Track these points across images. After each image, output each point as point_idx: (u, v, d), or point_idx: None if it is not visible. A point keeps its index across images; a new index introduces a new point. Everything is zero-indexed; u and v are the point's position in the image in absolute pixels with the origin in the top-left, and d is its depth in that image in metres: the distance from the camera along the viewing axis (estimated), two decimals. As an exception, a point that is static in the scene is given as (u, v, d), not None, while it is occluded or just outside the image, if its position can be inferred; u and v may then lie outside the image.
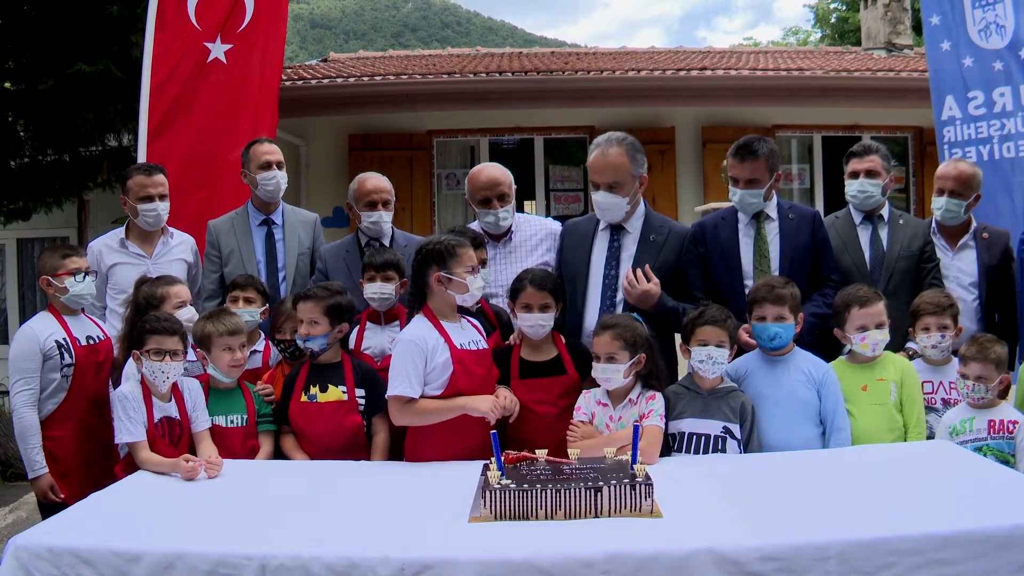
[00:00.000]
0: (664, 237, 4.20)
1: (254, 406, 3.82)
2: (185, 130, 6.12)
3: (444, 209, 10.42)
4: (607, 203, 4.14)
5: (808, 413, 3.63)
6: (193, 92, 6.20)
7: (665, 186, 9.89)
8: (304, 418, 3.74)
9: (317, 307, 3.80)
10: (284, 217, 4.99)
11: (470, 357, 3.58)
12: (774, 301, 3.70)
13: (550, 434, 3.62)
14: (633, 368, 3.55)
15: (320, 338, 3.79)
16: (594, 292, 4.16)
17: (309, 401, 3.74)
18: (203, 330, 3.77)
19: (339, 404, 3.72)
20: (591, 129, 9.91)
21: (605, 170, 4.14)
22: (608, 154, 4.14)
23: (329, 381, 3.77)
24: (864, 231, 4.60)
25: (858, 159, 4.64)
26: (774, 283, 3.77)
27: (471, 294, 3.62)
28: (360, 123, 10.00)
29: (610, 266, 4.18)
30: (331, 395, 3.74)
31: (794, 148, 10.64)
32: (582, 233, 4.35)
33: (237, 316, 3.92)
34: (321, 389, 3.75)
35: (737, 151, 4.26)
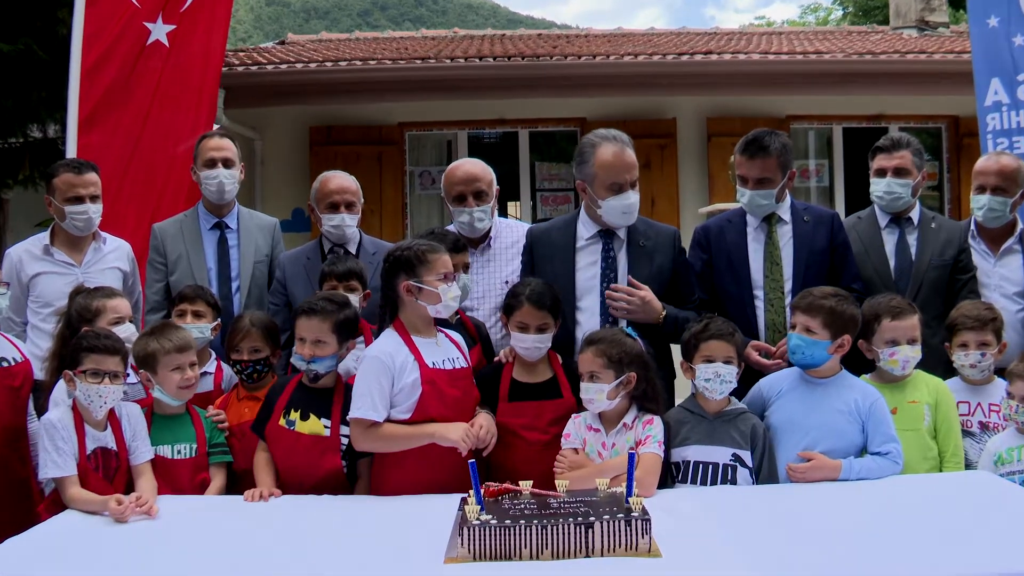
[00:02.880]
0: (653, 241, 4.23)
1: (205, 434, 3.79)
2: (122, 121, 6.08)
3: (418, 212, 10.42)
4: (636, 203, 4.17)
5: (842, 447, 3.60)
6: (131, 78, 6.15)
7: (665, 185, 9.94)
8: (279, 445, 3.69)
9: (325, 323, 3.73)
10: (239, 221, 5.00)
11: (443, 377, 3.59)
12: (804, 309, 3.71)
13: (537, 464, 3.63)
14: (621, 388, 3.57)
15: (329, 359, 3.74)
16: (591, 309, 4.15)
17: (287, 427, 3.70)
18: (146, 348, 3.73)
19: (317, 440, 3.66)
20: (582, 121, 9.96)
21: (630, 167, 4.17)
22: (627, 151, 4.18)
23: (313, 409, 3.71)
24: (890, 235, 4.61)
25: (886, 155, 4.63)
26: (815, 291, 3.77)
27: (444, 305, 3.64)
28: (322, 114, 10.01)
29: (607, 279, 4.17)
30: (311, 426, 3.68)
31: (811, 142, 10.69)
32: (559, 243, 4.30)
33: (185, 330, 3.90)
34: (302, 416, 3.70)
35: (746, 146, 4.30)
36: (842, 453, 3.58)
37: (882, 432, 3.60)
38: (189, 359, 3.75)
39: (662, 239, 4.25)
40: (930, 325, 4.08)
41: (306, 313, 3.75)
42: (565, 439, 3.66)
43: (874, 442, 3.59)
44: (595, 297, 4.16)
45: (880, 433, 3.60)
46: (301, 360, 3.72)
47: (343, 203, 4.65)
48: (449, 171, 4.64)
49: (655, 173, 9.83)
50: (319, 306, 3.76)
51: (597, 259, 4.21)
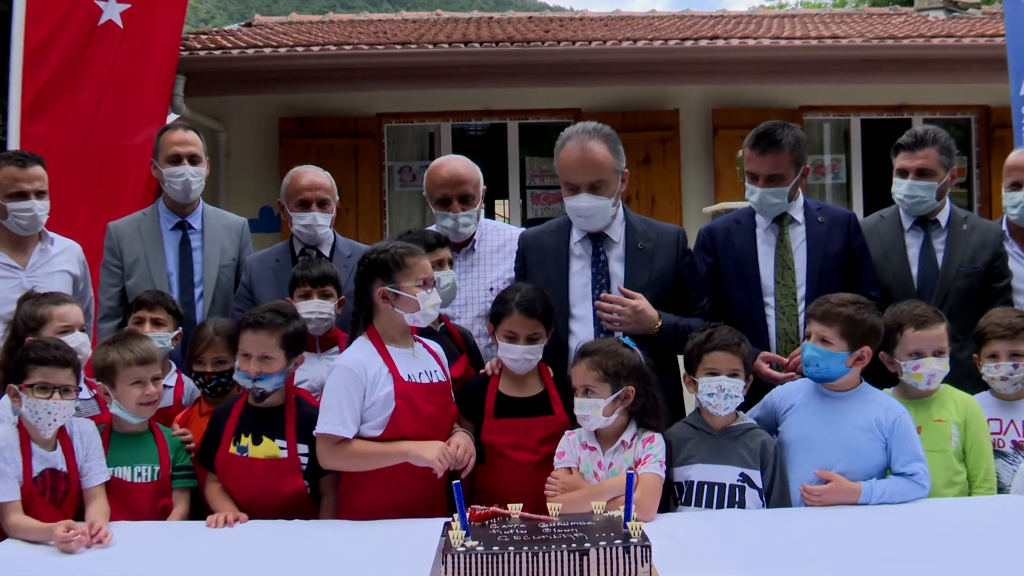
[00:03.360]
0: (653, 243, 4.24)
1: (168, 456, 3.78)
2: (71, 109, 6.06)
3: (397, 210, 10.42)
4: (591, 208, 4.16)
5: (861, 467, 3.60)
6: (81, 62, 6.11)
7: (667, 183, 9.96)
8: (232, 474, 3.69)
9: (272, 338, 3.73)
10: (204, 220, 5.00)
11: (419, 392, 3.61)
12: (820, 318, 3.72)
13: (527, 485, 3.65)
14: (618, 404, 3.58)
15: (276, 376, 3.75)
16: (584, 319, 4.18)
17: (239, 454, 3.70)
18: (106, 358, 3.72)
19: (275, 463, 3.68)
20: (576, 113, 9.96)
21: (587, 167, 4.15)
22: (589, 148, 4.16)
23: (265, 431, 3.72)
24: (914, 239, 4.59)
25: (907, 153, 4.55)
26: (832, 297, 3.77)
27: (423, 313, 3.66)
28: (293, 104, 10.00)
29: (599, 285, 4.20)
30: (265, 450, 3.70)
31: (826, 135, 10.72)
32: (550, 247, 4.34)
33: (150, 341, 3.89)
34: (254, 440, 3.71)
35: (756, 140, 4.32)
36: (862, 474, 3.59)
37: (907, 451, 3.60)
38: (152, 373, 3.74)
39: (663, 240, 4.26)
40: (957, 339, 4.04)
41: (252, 327, 3.75)
42: (558, 458, 3.67)
43: (898, 462, 3.60)
44: (589, 305, 4.18)
45: (905, 452, 3.60)
46: (246, 378, 3.73)
47: (315, 200, 4.66)
48: (432, 170, 4.65)
49: (656, 169, 9.85)
50: (266, 319, 3.76)
51: (588, 264, 4.24)
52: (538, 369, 3.98)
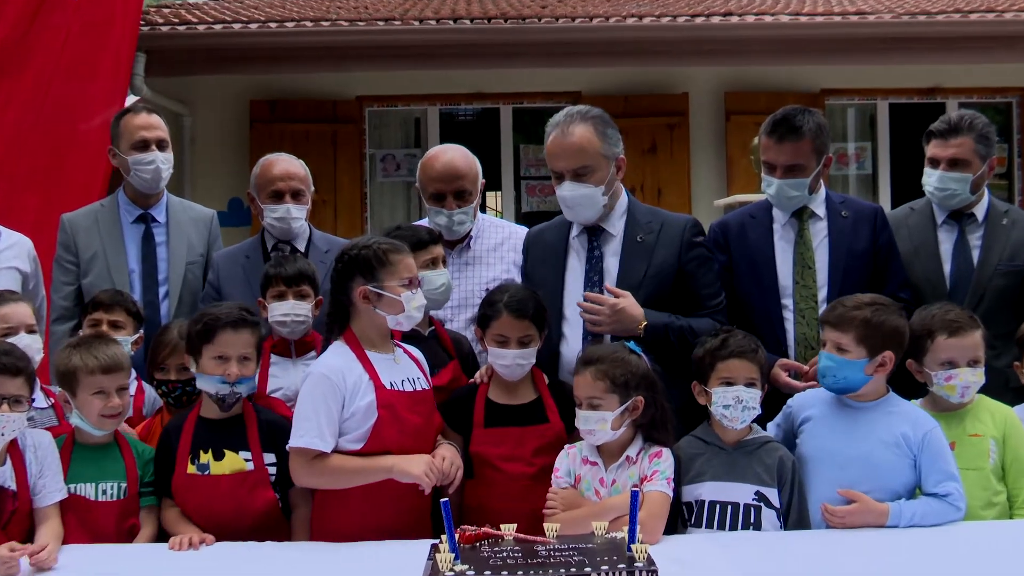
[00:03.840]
0: (655, 234, 4.22)
1: (136, 470, 3.75)
2: (16, 92, 6.03)
3: (379, 203, 10.44)
4: (575, 196, 4.16)
5: (888, 486, 3.59)
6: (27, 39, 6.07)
7: (675, 173, 9.98)
8: (194, 496, 3.67)
9: (253, 337, 3.79)
10: (169, 212, 5.00)
11: (402, 400, 3.61)
12: (834, 323, 3.70)
13: (520, 502, 3.66)
14: (626, 416, 3.58)
15: (252, 380, 3.80)
16: (572, 319, 4.19)
17: (199, 473, 3.68)
18: (68, 363, 3.70)
19: (242, 477, 3.67)
20: (576, 96, 9.96)
21: (567, 152, 4.16)
22: (570, 132, 4.17)
23: (226, 444, 3.71)
24: (947, 234, 4.58)
25: (939, 142, 4.54)
26: (846, 300, 3.76)
27: (407, 315, 3.66)
28: (265, 85, 10.01)
29: (591, 283, 4.21)
30: (229, 464, 3.69)
31: (851, 121, 10.75)
32: (550, 243, 4.38)
33: (119, 346, 3.86)
34: (215, 455, 3.69)
35: (773, 126, 4.32)
36: (888, 494, 3.58)
37: (939, 469, 3.58)
38: (117, 383, 3.71)
39: (669, 231, 4.24)
40: (994, 345, 4.03)
41: (233, 325, 3.75)
42: (556, 476, 3.67)
43: (929, 481, 3.59)
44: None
45: (937, 470, 3.58)
46: (222, 383, 3.70)
47: (288, 191, 4.65)
48: (426, 162, 4.64)
49: (662, 158, 9.86)
50: (248, 318, 3.81)
51: (584, 259, 4.26)
52: (531, 375, 3.98)
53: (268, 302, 4.17)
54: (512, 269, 4.60)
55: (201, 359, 3.74)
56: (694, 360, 3.78)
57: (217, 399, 3.72)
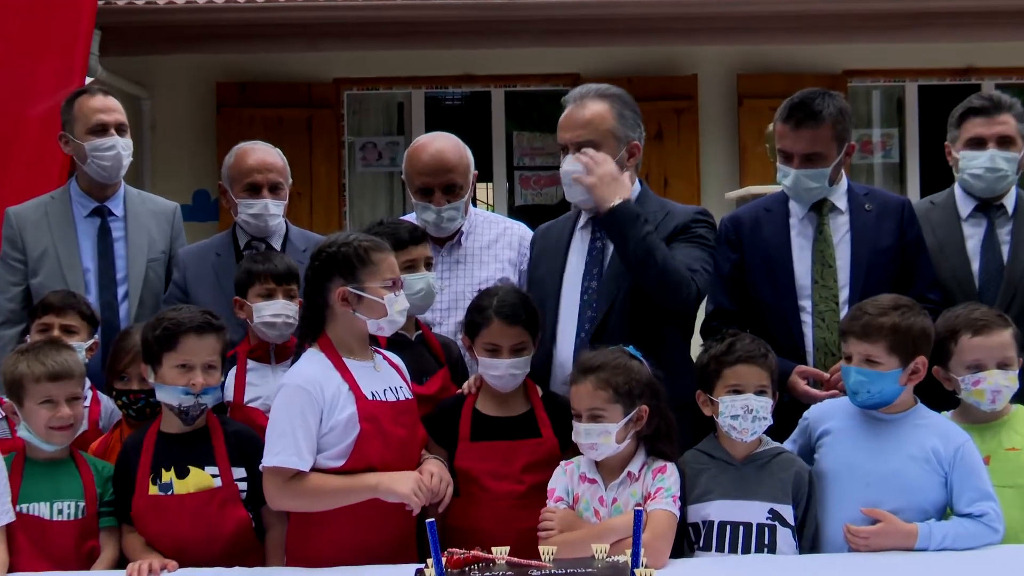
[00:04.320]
0: (657, 223, 4.18)
1: (95, 488, 3.75)
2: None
3: (359, 195, 10.43)
4: (574, 171, 4.15)
5: (916, 505, 3.60)
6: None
7: (682, 163, 9.99)
8: (157, 520, 3.65)
9: (219, 344, 3.79)
10: (127, 205, 4.99)
11: (386, 412, 3.61)
12: (861, 334, 3.67)
13: (512, 522, 3.67)
14: (630, 427, 3.58)
15: (217, 390, 3.80)
16: (567, 316, 4.21)
17: (162, 494, 3.66)
18: (15, 370, 3.70)
19: (209, 495, 3.67)
20: (575, 79, 9.92)
21: (574, 124, 4.21)
22: (583, 104, 4.23)
23: (190, 459, 3.70)
24: (973, 228, 4.57)
25: (984, 119, 4.52)
26: (868, 306, 3.74)
27: (390, 319, 3.66)
28: (234, 66, 10.00)
29: (590, 276, 4.22)
30: (195, 481, 3.67)
31: (875, 105, 10.76)
32: (553, 239, 4.40)
33: (71, 352, 3.86)
34: (178, 473, 3.67)
35: (790, 111, 4.32)
36: (918, 514, 3.58)
37: (973, 487, 3.59)
38: (67, 392, 3.70)
39: (672, 217, 4.25)
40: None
41: (198, 330, 3.74)
42: (551, 496, 3.66)
43: (962, 500, 3.59)
44: (575, 298, 4.20)
45: (971, 488, 3.59)
46: (186, 394, 3.68)
47: (266, 184, 4.64)
48: (413, 153, 4.64)
49: (669, 146, 9.87)
50: (214, 322, 3.80)
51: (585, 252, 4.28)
52: (523, 385, 3.99)
53: (252, 301, 4.16)
54: (507, 268, 4.62)
55: (161, 368, 3.72)
56: (697, 367, 3.78)
57: (180, 412, 3.70)
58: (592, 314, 4.19)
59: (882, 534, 3.52)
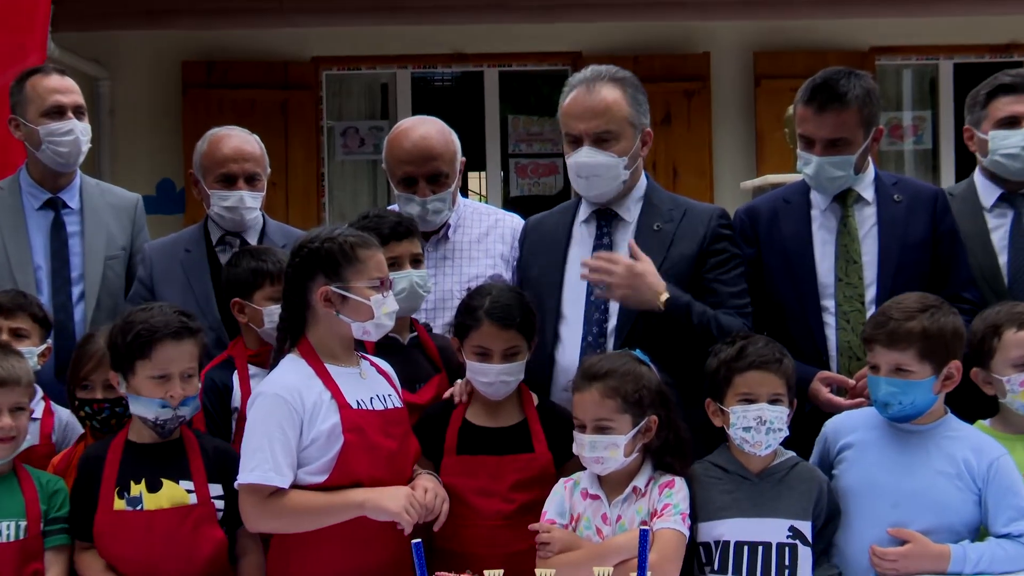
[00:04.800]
0: (675, 223, 4.22)
1: (39, 506, 3.71)
2: None
3: (340, 185, 10.46)
4: (595, 164, 4.16)
5: (948, 525, 3.60)
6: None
7: (693, 149, 10.02)
8: (123, 538, 3.60)
9: (196, 348, 3.73)
10: (83, 197, 4.98)
11: (373, 422, 3.61)
12: (888, 342, 3.66)
13: (499, 546, 3.67)
14: (639, 439, 3.59)
15: (195, 402, 3.74)
16: (572, 319, 4.20)
17: (130, 509, 3.61)
18: None
19: (183, 512, 3.62)
20: (576, 58, 9.98)
21: (592, 111, 4.18)
22: (597, 90, 4.21)
23: (163, 472, 3.66)
24: (999, 219, 4.60)
25: (1017, 96, 4.56)
26: (893, 310, 3.72)
27: (377, 322, 3.65)
28: (202, 44, 10.00)
29: None
30: (168, 495, 3.63)
31: (906, 85, 10.77)
32: (550, 232, 4.40)
33: (18, 358, 3.82)
34: (150, 486, 3.63)
35: (812, 93, 4.31)
36: (949, 535, 3.58)
37: (1011, 504, 3.58)
38: (10, 400, 3.66)
39: (691, 220, 4.26)
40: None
41: (175, 336, 3.68)
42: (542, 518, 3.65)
43: (999, 520, 3.58)
44: (580, 299, 4.20)
45: (1008, 506, 3.58)
46: (163, 407, 3.64)
47: (242, 174, 4.64)
48: (394, 139, 4.63)
49: (679, 131, 9.89)
50: (191, 324, 3.74)
51: (591, 247, 4.25)
52: (518, 392, 3.98)
53: (260, 304, 4.13)
54: (499, 263, 4.61)
55: (134, 377, 3.67)
56: (707, 373, 3.75)
57: (156, 425, 3.67)
58: (600, 316, 4.18)
59: (911, 556, 3.51)
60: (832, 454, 3.80)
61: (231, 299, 4.21)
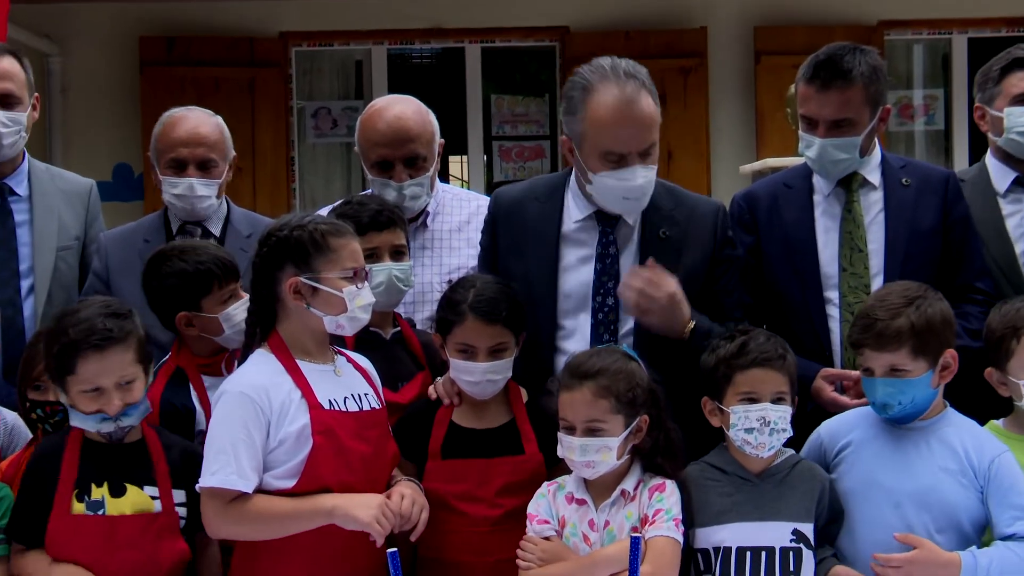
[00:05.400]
0: (682, 229, 4.15)
1: None
2: None
3: (311, 170, 10.45)
4: (647, 185, 4.03)
5: (954, 525, 3.62)
6: None
7: (689, 131, 10.03)
8: (80, 546, 3.54)
9: (129, 352, 3.62)
10: (32, 183, 4.96)
11: (345, 424, 3.60)
12: (876, 344, 3.66)
13: (487, 553, 3.69)
14: (630, 440, 3.58)
15: (143, 403, 3.66)
16: (581, 331, 4.13)
17: (91, 514, 3.55)
18: None
19: (147, 520, 3.59)
20: (563, 32, 9.99)
21: (642, 125, 4.05)
22: (641, 104, 4.03)
23: (127, 475, 3.62)
24: (1014, 204, 4.62)
25: None
26: (877, 307, 3.71)
27: (351, 315, 3.65)
28: (160, 17, 9.98)
29: (603, 291, 4.10)
30: (132, 501, 3.58)
31: (917, 62, 10.79)
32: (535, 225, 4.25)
33: None
34: (114, 490, 3.57)
35: (815, 71, 4.31)
36: (956, 535, 3.60)
37: (1012, 504, 3.60)
38: None
39: (697, 222, 4.19)
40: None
41: (97, 348, 3.56)
42: (531, 521, 3.66)
43: (1002, 520, 3.60)
44: (587, 315, 4.12)
45: (1009, 506, 3.59)
46: (104, 420, 3.57)
47: (192, 160, 4.62)
48: (367, 119, 4.63)
49: (674, 112, 9.84)
50: (116, 329, 3.61)
51: (591, 256, 4.16)
52: (506, 391, 3.99)
53: (214, 310, 4.05)
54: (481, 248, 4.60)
55: (69, 391, 3.61)
56: (704, 370, 3.75)
57: (102, 436, 3.63)
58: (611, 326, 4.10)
59: (918, 563, 3.51)
60: (830, 457, 3.81)
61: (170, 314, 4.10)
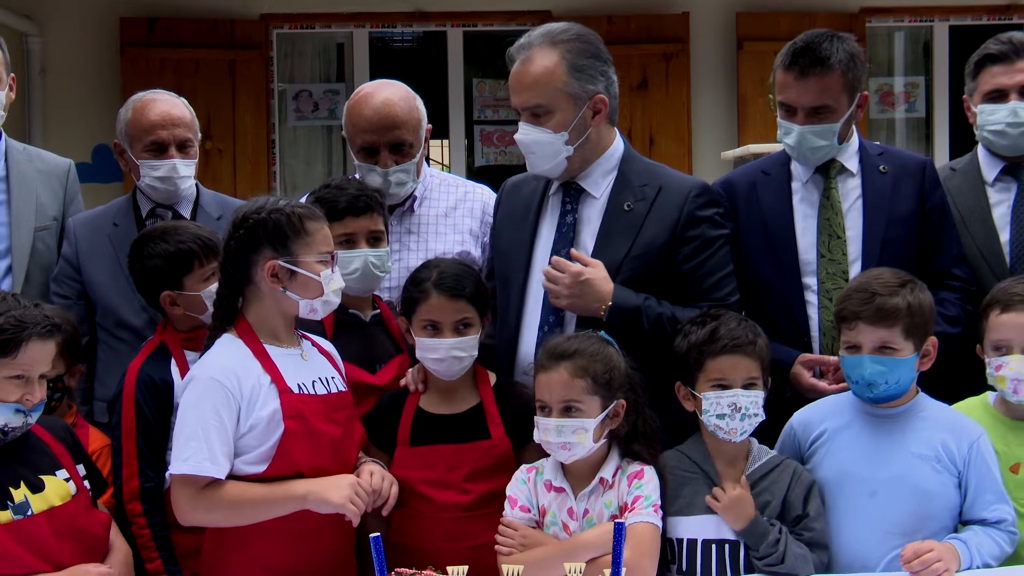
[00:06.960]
0: (648, 202, 4.13)
1: None
2: None
3: (292, 153, 10.41)
4: (527, 142, 4.11)
5: (931, 512, 3.64)
6: None
7: (671, 116, 10.03)
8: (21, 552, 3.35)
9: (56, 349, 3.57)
10: (9, 163, 4.93)
11: (315, 407, 3.61)
12: (874, 319, 3.66)
13: (460, 539, 3.70)
14: (607, 424, 3.59)
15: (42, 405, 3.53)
16: (533, 296, 4.17)
17: (20, 518, 3.39)
18: None
19: (74, 503, 3.49)
20: (545, 16, 9.94)
21: (522, 85, 4.12)
22: (530, 59, 4.10)
23: (38, 468, 3.51)
24: (1001, 193, 4.61)
25: (1003, 67, 4.55)
26: (875, 284, 3.73)
27: (325, 299, 3.66)
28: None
29: (557, 255, 4.09)
30: (55, 491, 3.48)
31: (897, 49, 10.78)
32: (525, 198, 4.35)
33: None
34: (32, 487, 3.45)
35: (793, 57, 4.32)
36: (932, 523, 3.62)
37: (988, 488, 3.63)
38: None
39: (666, 198, 4.15)
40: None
41: (45, 334, 3.44)
42: (511, 505, 3.67)
43: (977, 504, 3.63)
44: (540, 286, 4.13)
45: (986, 490, 3.62)
46: (19, 412, 3.42)
47: (174, 141, 4.63)
48: (354, 105, 4.62)
49: (655, 97, 9.89)
50: (48, 322, 3.48)
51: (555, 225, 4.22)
52: (473, 373, 3.98)
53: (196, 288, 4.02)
54: (468, 239, 4.63)
55: None
56: (676, 355, 3.76)
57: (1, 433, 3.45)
58: None
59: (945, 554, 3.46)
60: (804, 448, 3.83)
61: (154, 294, 4.08)
